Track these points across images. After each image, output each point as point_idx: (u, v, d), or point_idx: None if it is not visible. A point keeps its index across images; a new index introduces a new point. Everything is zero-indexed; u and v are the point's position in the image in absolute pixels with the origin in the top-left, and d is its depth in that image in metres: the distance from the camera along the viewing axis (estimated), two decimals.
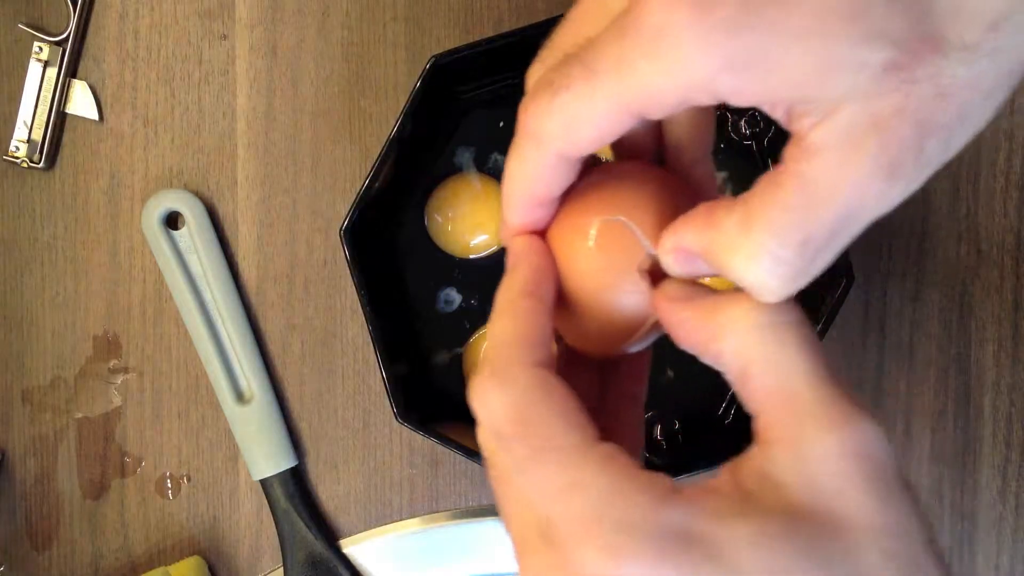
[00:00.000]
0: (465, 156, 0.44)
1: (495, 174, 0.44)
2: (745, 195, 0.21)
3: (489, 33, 0.44)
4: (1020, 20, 0.18)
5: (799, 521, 0.18)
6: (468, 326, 0.44)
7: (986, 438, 0.46)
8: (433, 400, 0.44)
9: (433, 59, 0.38)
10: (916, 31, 0.18)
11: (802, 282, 0.20)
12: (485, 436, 0.22)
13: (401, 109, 0.39)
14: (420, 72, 0.39)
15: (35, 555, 0.47)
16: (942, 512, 0.46)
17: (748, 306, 0.21)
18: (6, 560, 0.47)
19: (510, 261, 0.25)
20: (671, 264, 0.23)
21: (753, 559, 0.18)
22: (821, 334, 0.39)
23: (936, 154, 0.19)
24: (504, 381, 0.22)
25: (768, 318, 0.21)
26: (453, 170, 0.44)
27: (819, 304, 0.39)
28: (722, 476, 0.21)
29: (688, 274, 0.23)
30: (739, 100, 0.20)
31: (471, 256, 0.44)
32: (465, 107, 0.44)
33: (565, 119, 0.22)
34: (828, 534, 0.18)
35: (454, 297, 0.44)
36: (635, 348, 0.26)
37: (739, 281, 0.21)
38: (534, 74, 0.24)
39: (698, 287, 0.23)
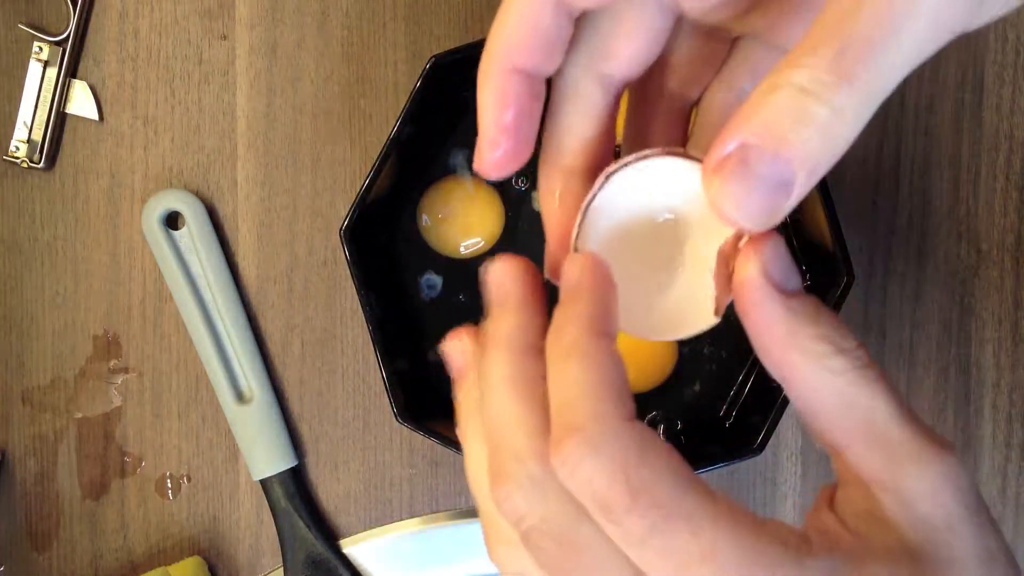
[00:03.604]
0: (459, 157, 0.44)
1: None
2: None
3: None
4: None
5: (920, 561, 0.19)
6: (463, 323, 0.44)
7: (986, 438, 0.46)
8: (433, 400, 0.44)
9: (433, 59, 0.38)
10: None
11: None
12: (569, 514, 0.20)
13: (401, 109, 0.39)
14: (420, 72, 0.39)
15: (35, 555, 0.47)
16: None
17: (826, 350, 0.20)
18: (6, 560, 0.47)
19: (567, 288, 0.22)
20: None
21: None
22: None
23: None
24: (599, 444, 0.19)
25: (841, 363, 0.20)
26: (450, 171, 0.44)
27: None
28: (823, 518, 0.20)
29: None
30: None
31: (463, 256, 0.44)
32: (464, 107, 0.44)
33: None
34: (943, 569, 0.19)
35: (435, 280, 0.44)
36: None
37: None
38: None
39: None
